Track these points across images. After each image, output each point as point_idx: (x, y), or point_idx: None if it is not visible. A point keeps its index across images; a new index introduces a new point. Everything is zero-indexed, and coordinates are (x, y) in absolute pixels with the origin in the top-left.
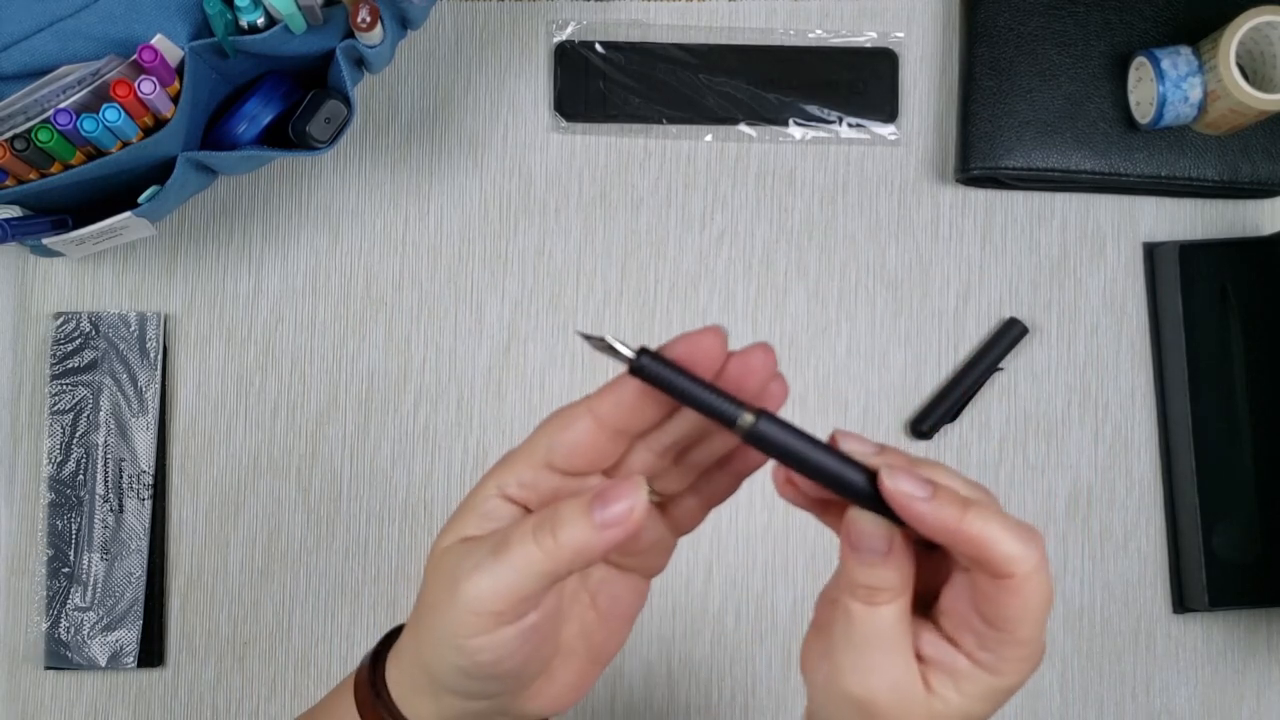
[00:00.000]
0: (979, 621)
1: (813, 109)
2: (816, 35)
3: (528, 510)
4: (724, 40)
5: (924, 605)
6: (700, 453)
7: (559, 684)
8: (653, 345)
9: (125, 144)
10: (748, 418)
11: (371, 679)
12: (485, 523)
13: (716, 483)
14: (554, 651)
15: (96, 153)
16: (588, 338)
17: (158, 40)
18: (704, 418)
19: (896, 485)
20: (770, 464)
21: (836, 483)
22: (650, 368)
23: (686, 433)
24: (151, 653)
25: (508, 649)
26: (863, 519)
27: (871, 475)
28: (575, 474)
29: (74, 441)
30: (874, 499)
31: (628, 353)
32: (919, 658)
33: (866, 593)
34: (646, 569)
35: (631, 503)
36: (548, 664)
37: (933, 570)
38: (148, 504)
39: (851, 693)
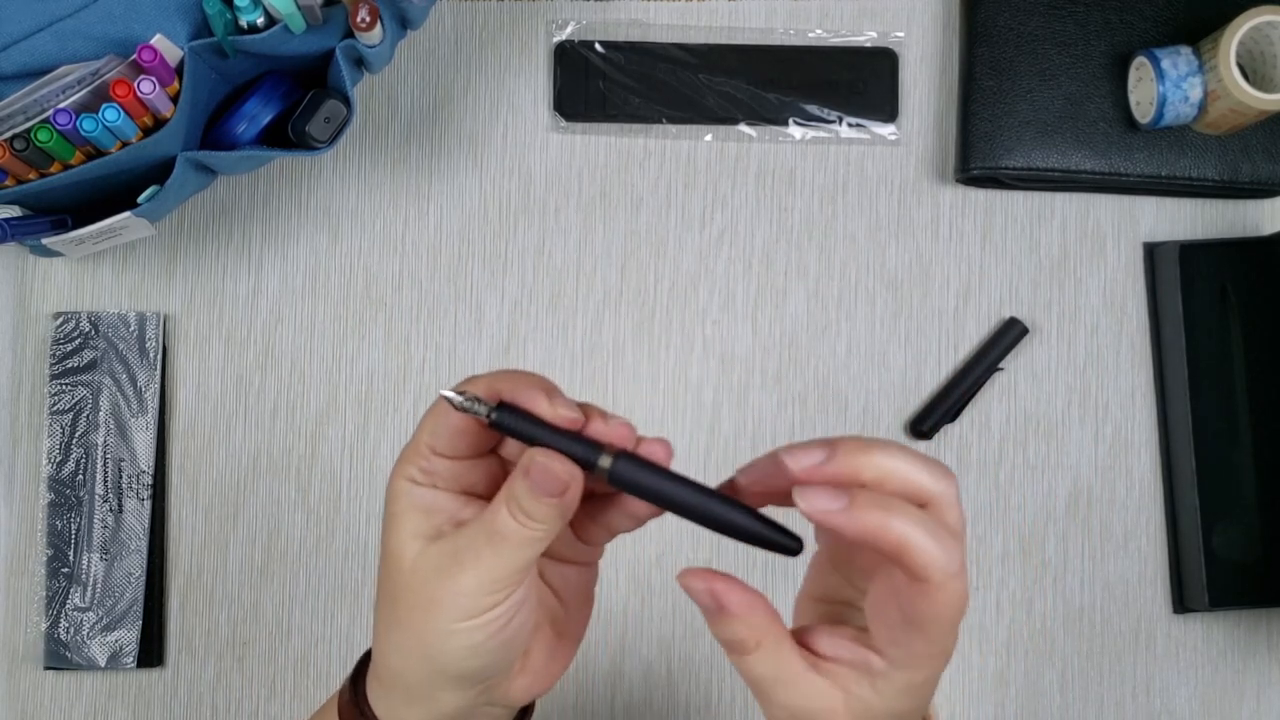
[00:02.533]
0: (895, 614)
1: (813, 109)
2: (816, 35)
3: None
4: (724, 40)
5: (836, 613)
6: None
7: (537, 661)
8: (654, 346)
9: (125, 144)
10: (606, 460)
11: (355, 701)
12: (432, 513)
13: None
14: (531, 629)
15: (96, 153)
16: (448, 397)
17: (157, 40)
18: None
19: (811, 506)
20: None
21: (707, 519)
22: (507, 422)
23: None
24: (151, 653)
25: (506, 617)
26: (697, 585)
27: (747, 507)
28: (462, 458)
29: (73, 441)
30: (747, 530)
31: (482, 410)
32: (835, 661)
33: (740, 645)
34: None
35: (553, 469)
36: (527, 642)
37: (842, 582)
38: (147, 504)
39: None
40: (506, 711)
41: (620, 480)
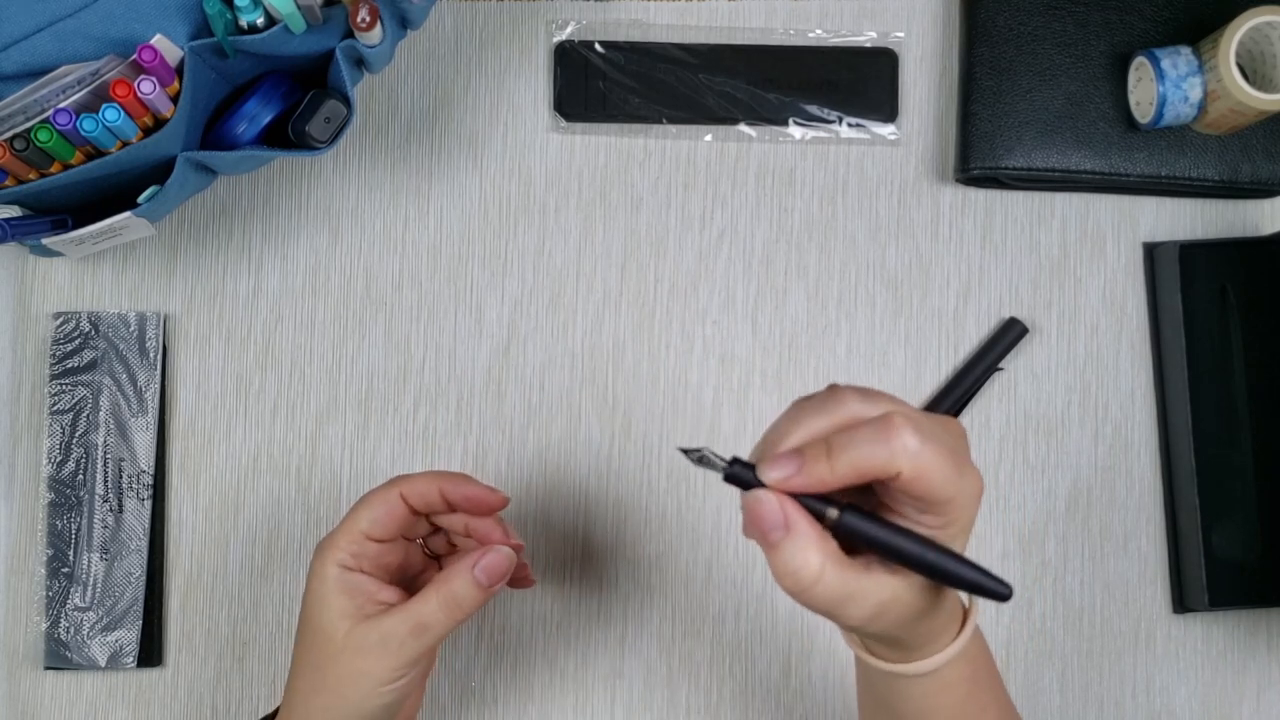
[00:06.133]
0: (905, 501)
1: (813, 109)
2: (816, 35)
3: (362, 572)
4: (724, 40)
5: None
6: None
7: (412, 699)
8: (654, 346)
9: (125, 144)
10: (833, 512)
11: None
12: (355, 595)
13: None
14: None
15: (96, 153)
16: (686, 452)
17: (157, 40)
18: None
19: (771, 477)
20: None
21: (924, 566)
22: (739, 474)
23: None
24: (151, 653)
25: (414, 674)
26: (751, 501)
27: (959, 555)
28: (387, 540)
29: (74, 441)
30: (961, 576)
31: (719, 464)
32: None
33: (808, 573)
34: None
35: (506, 561)
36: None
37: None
38: (147, 504)
39: (872, 632)
40: None
41: (846, 528)
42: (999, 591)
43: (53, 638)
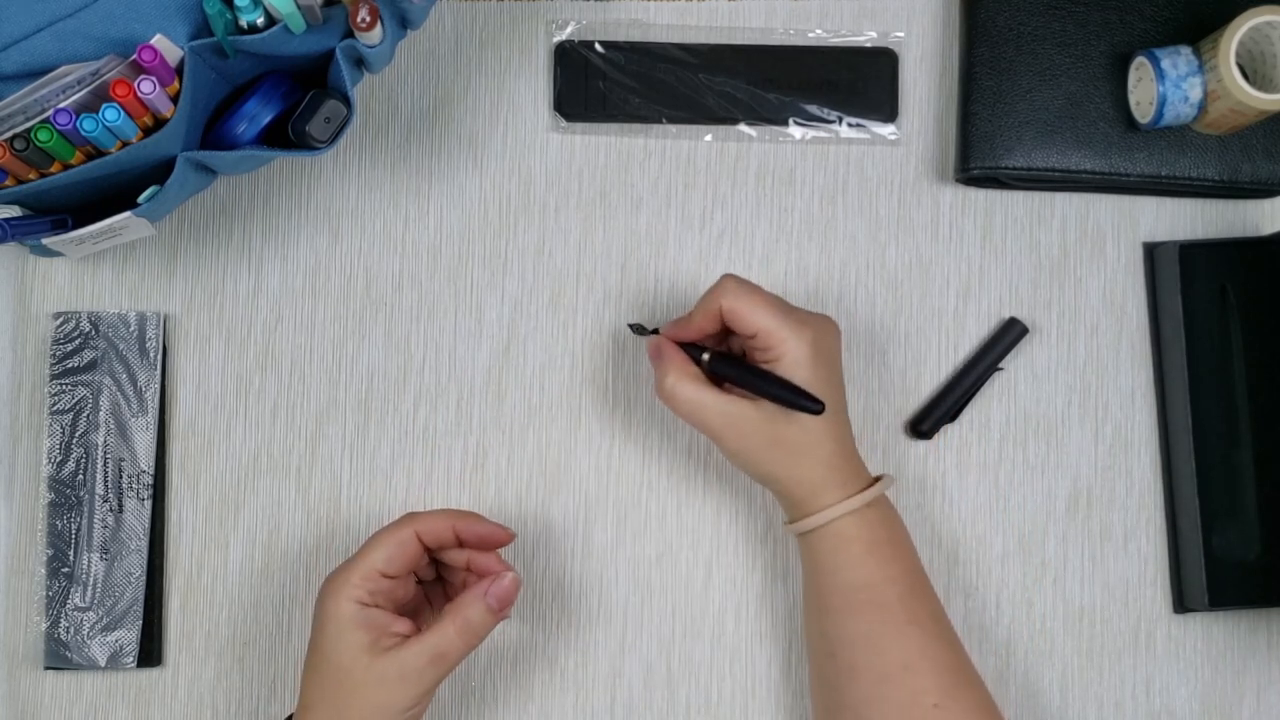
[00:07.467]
0: (754, 348)
1: (813, 109)
2: (816, 35)
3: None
4: (724, 40)
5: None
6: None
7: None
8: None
9: (125, 144)
10: (706, 356)
11: None
12: (372, 629)
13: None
14: None
15: (96, 153)
16: (631, 326)
17: (157, 40)
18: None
19: (663, 331)
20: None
21: (758, 390)
22: (651, 331)
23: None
24: (151, 653)
25: (428, 701)
26: (652, 342)
27: (786, 381)
28: (398, 576)
29: (74, 441)
30: (782, 396)
31: (648, 330)
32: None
33: (669, 384)
34: None
35: (514, 586)
36: None
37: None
38: (147, 504)
39: (737, 450)
40: None
41: (713, 365)
42: (809, 407)
43: (53, 638)
